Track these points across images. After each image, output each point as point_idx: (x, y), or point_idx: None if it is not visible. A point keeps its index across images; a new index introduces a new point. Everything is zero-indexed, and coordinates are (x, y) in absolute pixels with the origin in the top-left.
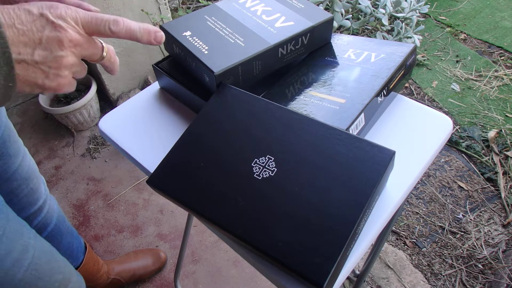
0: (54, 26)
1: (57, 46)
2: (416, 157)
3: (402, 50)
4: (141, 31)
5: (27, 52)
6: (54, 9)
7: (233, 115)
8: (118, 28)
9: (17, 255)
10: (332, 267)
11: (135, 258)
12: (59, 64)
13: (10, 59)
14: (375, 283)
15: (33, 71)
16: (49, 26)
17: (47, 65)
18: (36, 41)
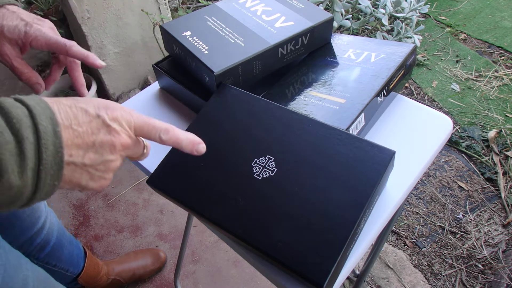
0: (109, 130)
1: (109, 150)
2: (416, 157)
3: (402, 50)
4: (187, 142)
5: (78, 154)
6: (110, 110)
7: (233, 115)
8: (167, 137)
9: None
10: (332, 267)
11: (135, 258)
12: (107, 167)
13: (61, 160)
14: (375, 283)
15: (80, 172)
16: (104, 129)
17: (95, 168)
18: (89, 144)
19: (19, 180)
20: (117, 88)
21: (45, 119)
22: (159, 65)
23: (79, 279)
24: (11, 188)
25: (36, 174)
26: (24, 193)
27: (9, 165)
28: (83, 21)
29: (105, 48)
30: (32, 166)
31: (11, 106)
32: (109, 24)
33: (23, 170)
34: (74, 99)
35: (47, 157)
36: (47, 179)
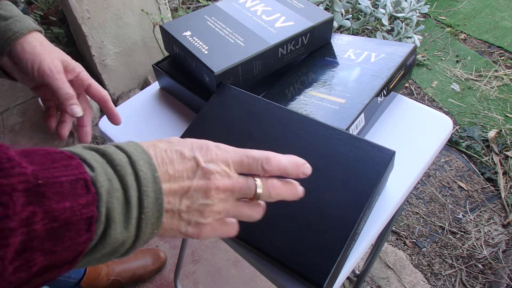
0: (204, 173)
1: (203, 195)
2: (416, 157)
3: (402, 50)
4: (292, 165)
5: (175, 201)
6: (205, 151)
7: (233, 115)
8: (270, 167)
9: None
10: (332, 267)
11: (134, 258)
12: (202, 213)
13: (161, 207)
14: (375, 283)
15: (177, 219)
16: (199, 172)
17: (190, 213)
18: (184, 189)
19: (124, 230)
20: (117, 88)
21: (144, 164)
22: (159, 65)
23: (81, 283)
24: (117, 240)
25: (138, 223)
26: (125, 244)
27: (116, 214)
28: (83, 21)
29: (105, 48)
30: (135, 215)
31: (113, 152)
32: (109, 24)
33: (128, 220)
34: (169, 142)
35: (148, 204)
36: (148, 227)
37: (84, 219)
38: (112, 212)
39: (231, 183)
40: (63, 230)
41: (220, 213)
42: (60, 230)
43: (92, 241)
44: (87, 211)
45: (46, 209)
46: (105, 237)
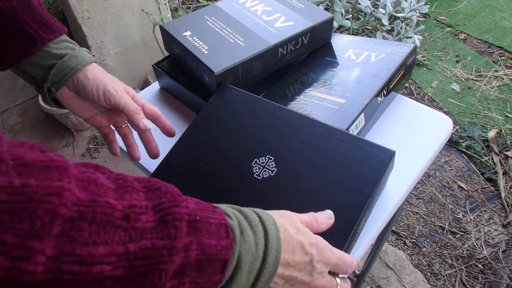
0: (311, 270)
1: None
2: (416, 157)
3: (402, 50)
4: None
5: (280, 282)
6: (320, 250)
7: (233, 115)
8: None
9: None
10: None
11: None
12: None
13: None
14: (375, 283)
15: None
16: (308, 268)
17: None
18: (292, 277)
19: (247, 279)
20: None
21: (271, 226)
22: (159, 65)
23: None
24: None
25: (257, 276)
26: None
27: (244, 263)
28: (83, 21)
29: (105, 48)
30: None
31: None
32: (109, 24)
33: (252, 270)
34: (296, 228)
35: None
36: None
37: (221, 260)
38: (242, 260)
39: (325, 283)
40: (207, 264)
41: None
42: (205, 263)
43: (221, 283)
44: (225, 253)
45: (199, 241)
46: (230, 283)
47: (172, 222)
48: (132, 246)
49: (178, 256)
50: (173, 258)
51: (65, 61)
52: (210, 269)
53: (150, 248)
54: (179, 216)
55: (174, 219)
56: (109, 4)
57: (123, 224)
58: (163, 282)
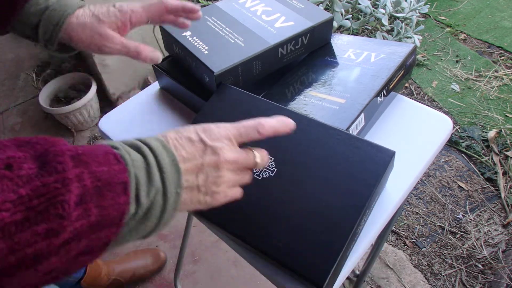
0: (212, 150)
1: (215, 168)
2: (416, 157)
3: (402, 50)
4: (281, 125)
5: (192, 179)
6: (208, 133)
7: (233, 115)
8: (264, 129)
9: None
10: (332, 267)
11: (135, 258)
12: (216, 183)
13: (180, 188)
14: (375, 283)
15: (195, 193)
16: (208, 151)
17: (206, 185)
18: (198, 167)
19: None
20: (117, 88)
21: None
22: (159, 65)
23: (82, 282)
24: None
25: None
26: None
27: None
28: None
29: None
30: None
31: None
32: None
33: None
34: (176, 131)
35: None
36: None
37: (121, 183)
38: (138, 178)
39: (236, 156)
40: (106, 189)
41: (229, 182)
42: (104, 188)
43: (129, 204)
44: (122, 177)
45: (90, 170)
46: (138, 202)
47: (55, 158)
48: (23, 191)
49: (73, 186)
50: (69, 188)
51: (48, 17)
52: (112, 193)
53: (42, 186)
54: (61, 153)
55: (56, 156)
56: None
57: (7, 174)
58: (68, 212)
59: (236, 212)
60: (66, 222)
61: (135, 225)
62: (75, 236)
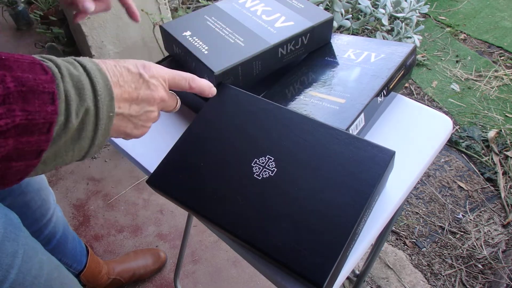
0: (148, 85)
1: (149, 103)
2: (416, 157)
3: (402, 50)
4: (207, 87)
5: (125, 106)
6: (147, 69)
7: (233, 115)
8: (195, 84)
9: (35, 272)
10: (332, 267)
11: (135, 258)
12: (147, 117)
13: (113, 112)
14: (375, 283)
15: (126, 122)
16: (145, 85)
17: (138, 118)
18: (133, 98)
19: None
20: None
21: (99, 75)
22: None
23: (81, 276)
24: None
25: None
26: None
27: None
28: (83, 21)
29: (105, 48)
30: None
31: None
32: (109, 24)
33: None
34: (116, 61)
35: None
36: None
37: (47, 93)
38: (69, 92)
39: (167, 96)
40: (32, 95)
41: (156, 118)
42: (29, 95)
43: (57, 115)
44: (48, 86)
45: (13, 75)
46: (67, 116)
47: None
48: None
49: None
50: None
51: None
52: (38, 101)
53: None
54: None
55: None
56: None
57: None
58: None
59: (236, 212)
60: None
61: (69, 143)
62: (1, 134)
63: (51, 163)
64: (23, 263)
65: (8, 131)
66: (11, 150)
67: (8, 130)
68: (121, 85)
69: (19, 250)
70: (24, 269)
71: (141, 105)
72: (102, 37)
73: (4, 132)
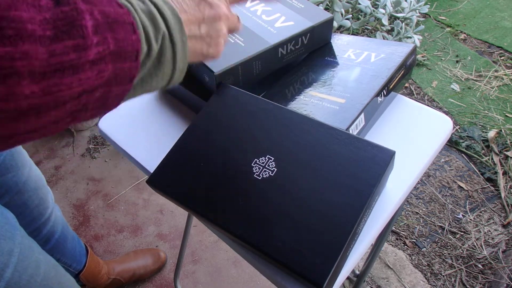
0: (211, 6)
1: (216, 21)
2: (416, 157)
3: (402, 50)
4: None
5: (195, 28)
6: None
7: (233, 115)
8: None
9: (31, 271)
10: (332, 267)
11: (135, 258)
12: (218, 34)
13: (185, 36)
14: (375, 283)
15: (199, 43)
16: (208, 6)
17: (210, 36)
18: (200, 19)
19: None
20: None
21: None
22: None
23: (81, 276)
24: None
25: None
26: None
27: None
28: None
29: None
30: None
31: None
32: None
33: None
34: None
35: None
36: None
37: (128, 23)
38: (144, 23)
39: (229, 13)
40: (117, 26)
41: (225, 35)
42: (114, 25)
43: (141, 42)
44: (128, 18)
45: (99, 9)
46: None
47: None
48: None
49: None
50: (83, 16)
51: None
52: (123, 30)
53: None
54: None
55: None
56: None
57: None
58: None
59: (236, 212)
60: (89, 41)
61: (152, 69)
62: (100, 59)
63: (140, 88)
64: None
65: (106, 57)
66: (110, 75)
67: (106, 56)
68: (186, 10)
69: (15, 249)
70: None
71: (209, 23)
72: None
73: (104, 57)
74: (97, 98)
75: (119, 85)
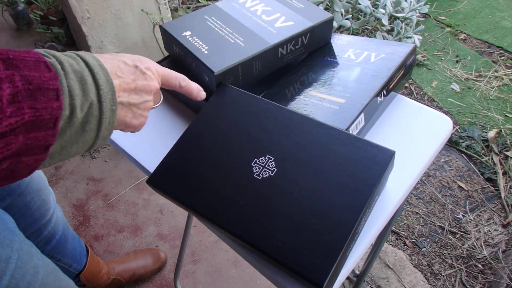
0: (145, 77)
1: (146, 92)
2: (416, 157)
3: (402, 50)
4: (196, 90)
5: (124, 95)
6: (142, 62)
7: (233, 115)
8: (185, 84)
9: (29, 277)
10: (332, 267)
11: (135, 258)
12: (145, 106)
13: (115, 105)
14: (375, 283)
15: (125, 111)
16: (142, 76)
17: (137, 107)
18: (132, 88)
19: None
20: None
21: (100, 71)
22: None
23: (81, 276)
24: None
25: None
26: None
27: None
28: (83, 21)
29: (105, 48)
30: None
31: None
32: (109, 24)
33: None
34: (112, 54)
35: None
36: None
37: (52, 89)
38: (72, 87)
39: (158, 89)
40: (38, 93)
41: (150, 109)
42: (36, 92)
43: (62, 110)
44: (53, 83)
45: (21, 74)
46: (72, 110)
47: None
48: None
49: (5, 86)
50: (0, 86)
51: None
52: (44, 98)
53: None
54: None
55: None
56: (109, 4)
57: None
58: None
59: (236, 212)
60: (1, 114)
61: (74, 136)
62: (11, 131)
63: (58, 156)
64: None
65: (18, 128)
66: (21, 146)
67: (18, 127)
68: (120, 76)
69: (13, 255)
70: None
71: (139, 94)
72: (102, 37)
73: (14, 129)
74: (3, 169)
75: (31, 155)
